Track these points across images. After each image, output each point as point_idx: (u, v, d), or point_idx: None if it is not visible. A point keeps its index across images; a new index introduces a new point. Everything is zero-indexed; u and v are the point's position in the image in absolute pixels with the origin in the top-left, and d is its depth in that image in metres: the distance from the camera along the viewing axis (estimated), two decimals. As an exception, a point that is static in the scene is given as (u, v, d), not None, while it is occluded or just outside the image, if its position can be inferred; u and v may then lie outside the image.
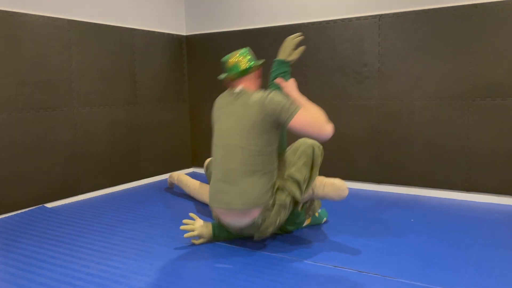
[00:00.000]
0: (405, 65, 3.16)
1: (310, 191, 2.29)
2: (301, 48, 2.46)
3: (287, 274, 1.87)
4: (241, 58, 2.23)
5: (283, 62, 2.44)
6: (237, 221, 2.12)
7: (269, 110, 2.04)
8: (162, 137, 3.97)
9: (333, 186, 2.27)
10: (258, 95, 2.11)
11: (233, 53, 2.26)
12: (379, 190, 3.34)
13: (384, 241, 2.23)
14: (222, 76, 2.29)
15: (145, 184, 3.76)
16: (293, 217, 2.35)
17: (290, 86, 2.18)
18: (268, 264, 1.98)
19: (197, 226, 2.23)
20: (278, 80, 2.25)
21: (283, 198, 2.14)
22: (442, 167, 3.09)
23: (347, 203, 2.98)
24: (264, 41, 3.72)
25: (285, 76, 2.43)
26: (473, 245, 2.17)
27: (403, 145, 3.22)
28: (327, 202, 3.02)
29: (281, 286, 1.75)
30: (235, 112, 2.14)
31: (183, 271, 1.92)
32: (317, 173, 2.25)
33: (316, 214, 2.52)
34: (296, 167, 2.17)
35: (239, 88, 2.22)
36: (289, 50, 2.43)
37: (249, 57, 2.25)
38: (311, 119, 2.00)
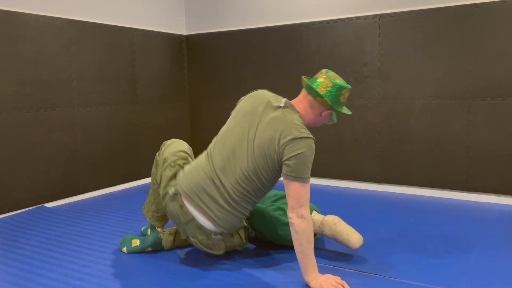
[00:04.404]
0: (405, 65, 3.15)
1: (316, 226, 2.08)
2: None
3: (286, 275, 1.87)
4: (328, 82, 1.80)
5: None
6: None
7: (281, 155, 1.74)
8: (162, 137, 3.97)
9: (347, 242, 1.99)
10: (292, 127, 1.74)
11: (334, 74, 1.85)
12: (379, 190, 3.34)
13: (384, 241, 2.23)
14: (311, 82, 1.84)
15: (145, 184, 3.75)
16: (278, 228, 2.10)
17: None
18: (267, 265, 1.98)
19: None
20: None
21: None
22: (442, 167, 3.09)
23: (347, 203, 2.98)
24: (264, 41, 3.72)
25: None
26: (473, 245, 2.16)
27: (403, 145, 3.22)
28: (325, 202, 3.02)
29: (281, 287, 1.75)
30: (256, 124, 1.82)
31: (184, 271, 1.92)
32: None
33: None
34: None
35: (284, 101, 1.84)
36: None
37: (334, 90, 1.80)
38: (298, 197, 1.70)
